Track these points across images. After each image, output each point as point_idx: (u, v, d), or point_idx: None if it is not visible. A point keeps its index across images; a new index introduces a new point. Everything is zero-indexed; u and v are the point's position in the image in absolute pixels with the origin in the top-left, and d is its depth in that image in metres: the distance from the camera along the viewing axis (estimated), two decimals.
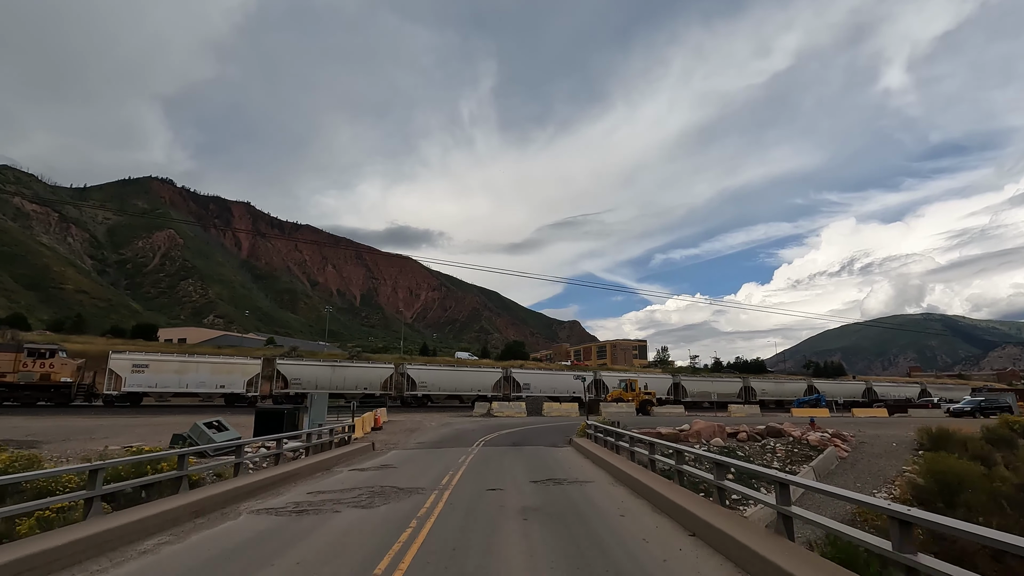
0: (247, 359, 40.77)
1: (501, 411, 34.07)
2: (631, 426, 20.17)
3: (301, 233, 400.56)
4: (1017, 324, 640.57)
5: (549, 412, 34.78)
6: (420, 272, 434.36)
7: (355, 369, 44.49)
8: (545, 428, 26.03)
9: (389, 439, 20.99)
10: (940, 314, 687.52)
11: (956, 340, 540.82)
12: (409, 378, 44.30)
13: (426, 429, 25.34)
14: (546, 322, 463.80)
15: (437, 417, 32.31)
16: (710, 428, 19.99)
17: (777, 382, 62.73)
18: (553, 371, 55.40)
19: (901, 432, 23.83)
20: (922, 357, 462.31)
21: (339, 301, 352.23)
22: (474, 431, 24.24)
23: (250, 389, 38.52)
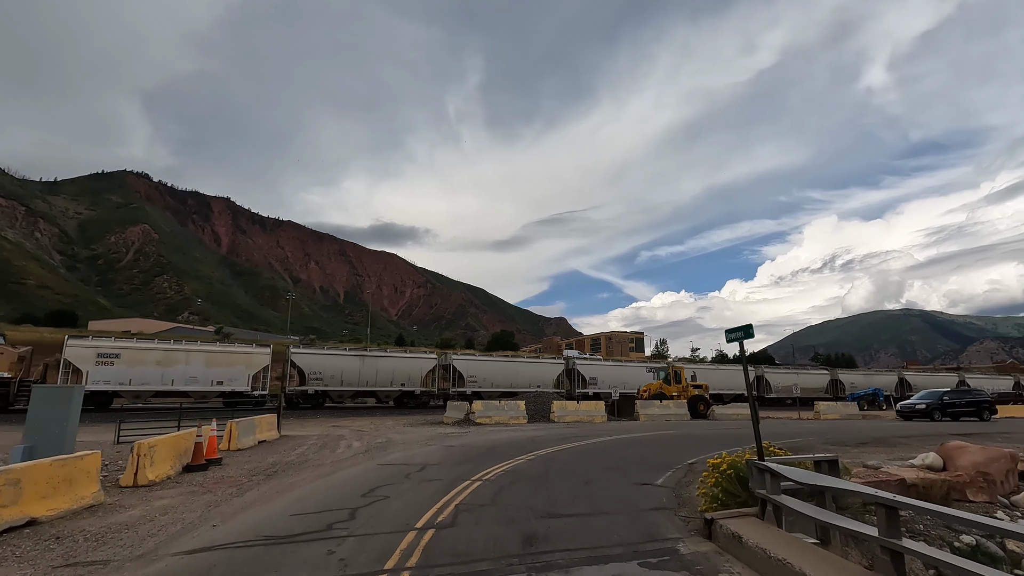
0: (253, 347, 32.26)
1: (487, 416, 22.42)
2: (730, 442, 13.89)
3: (283, 229, 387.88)
4: (993, 319, 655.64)
5: (562, 416, 24.07)
6: (405, 269, 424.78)
7: (390, 360, 35.64)
8: (581, 454, 12.86)
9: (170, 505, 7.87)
10: (919, 310, 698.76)
11: (935, 335, 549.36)
12: (456, 371, 36.05)
13: (311, 471, 10.54)
14: (532, 319, 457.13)
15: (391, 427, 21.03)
16: (999, 461, 9.94)
17: (866, 374, 55.64)
18: (623, 363, 46.71)
19: None
20: (902, 352, 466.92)
21: (322, 298, 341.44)
22: (432, 464, 11.19)
23: (256, 385, 30.24)
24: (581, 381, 39.36)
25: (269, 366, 31.09)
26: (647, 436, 17.43)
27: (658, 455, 12.73)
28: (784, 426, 22.30)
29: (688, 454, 12.69)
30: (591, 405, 26.13)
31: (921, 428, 21.57)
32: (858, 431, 19.74)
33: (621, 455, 12.65)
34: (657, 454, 12.99)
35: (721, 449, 11.74)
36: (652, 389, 30.53)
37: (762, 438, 7.11)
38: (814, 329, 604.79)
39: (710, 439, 16.18)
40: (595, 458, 12.05)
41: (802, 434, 18.04)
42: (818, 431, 19.65)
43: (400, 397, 34.55)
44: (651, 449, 14.07)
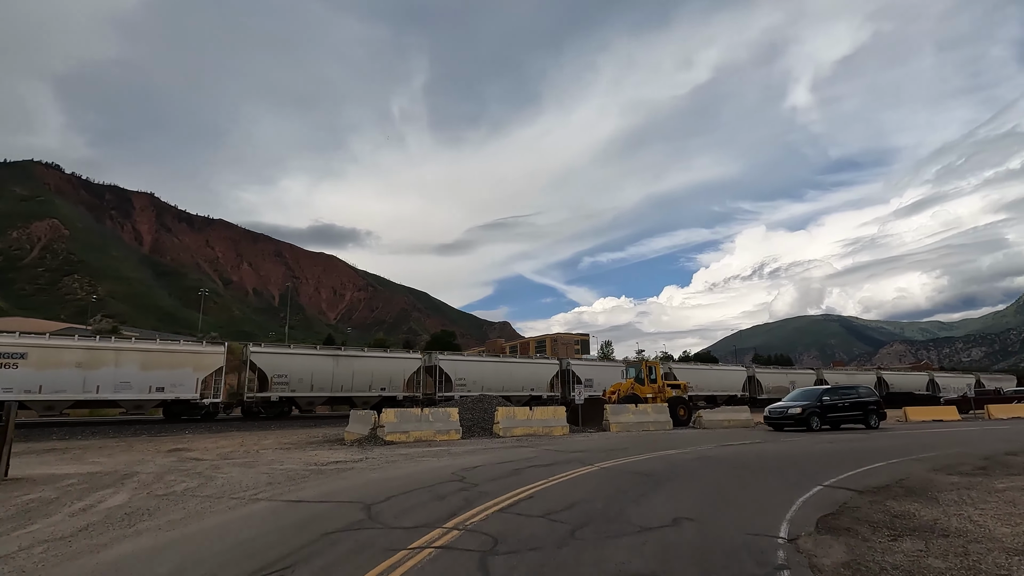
0: (203, 346, 27.35)
1: (402, 430, 16.90)
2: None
3: (214, 228, 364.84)
4: (901, 324, 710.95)
5: (509, 429, 18.62)
6: (346, 271, 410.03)
7: (369, 361, 31.51)
8: (559, 537, 5.53)
9: None
10: (837, 315, 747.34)
11: (851, 339, 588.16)
12: (442, 373, 32.68)
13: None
14: (477, 323, 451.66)
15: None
16: None
17: (849, 373, 56.08)
18: (607, 364, 44.03)
19: None
20: (823, 355, 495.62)
21: (255, 301, 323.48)
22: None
23: (207, 392, 25.84)
24: (577, 383, 36.47)
25: (224, 368, 26.56)
26: (653, 467, 10.96)
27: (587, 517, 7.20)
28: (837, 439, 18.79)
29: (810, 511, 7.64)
30: (548, 412, 20.70)
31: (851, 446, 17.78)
32: (919, 443, 16.26)
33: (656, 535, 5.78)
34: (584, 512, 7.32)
35: (828, 501, 7.84)
36: (623, 390, 26.07)
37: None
38: (745, 333, 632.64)
39: (772, 469, 11.34)
40: (603, 547, 5.46)
41: (887, 449, 14.37)
42: (887, 444, 15.78)
43: (380, 403, 30.30)
44: (700, 505, 7.74)
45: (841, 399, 22.29)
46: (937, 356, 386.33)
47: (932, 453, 13.54)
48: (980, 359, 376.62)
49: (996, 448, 14.59)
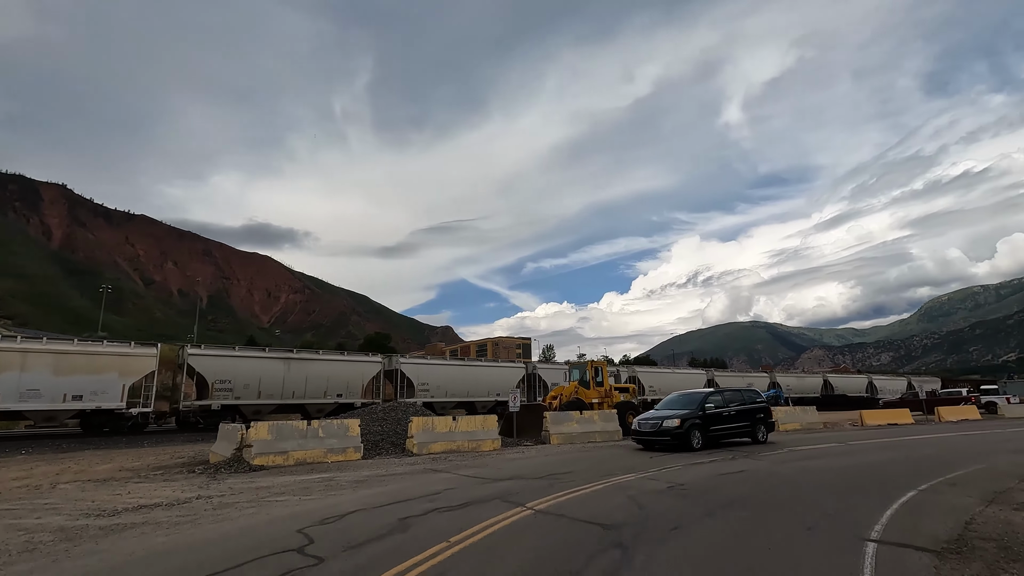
0: (131, 348, 23.71)
1: (278, 451, 12.73)
2: None
3: (135, 224, 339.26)
4: (820, 330, 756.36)
5: (426, 444, 14.89)
6: (281, 273, 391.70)
7: (324, 365, 28.97)
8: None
9: None
10: (764, 322, 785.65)
11: (776, 344, 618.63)
12: (404, 378, 30.62)
13: None
14: (418, 327, 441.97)
15: None
16: None
17: (799, 376, 55.44)
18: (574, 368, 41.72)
19: None
20: (751, 360, 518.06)
21: (180, 303, 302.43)
22: None
23: (135, 401, 23.07)
24: (544, 389, 34.14)
25: (155, 372, 23.50)
26: (612, 509, 7.50)
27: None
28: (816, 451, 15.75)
29: None
30: (475, 423, 16.82)
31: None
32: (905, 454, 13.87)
33: None
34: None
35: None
36: (566, 395, 22.55)
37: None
38: (680, 339, 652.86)
39: (785, 506, 8.24)
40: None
41: (891, 465, 11.27)
42: (882, 458, 12.90)
43: (336, 411, 27.54)
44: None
45: (727, 406, 17.02)
46: (851, 360, 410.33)
47: (953, 473, 10.66)
48: (888, 363, 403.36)
49: (1016, 460, 12.02)
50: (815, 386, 58.14)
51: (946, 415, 28.95)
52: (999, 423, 27.03)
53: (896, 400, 40.32)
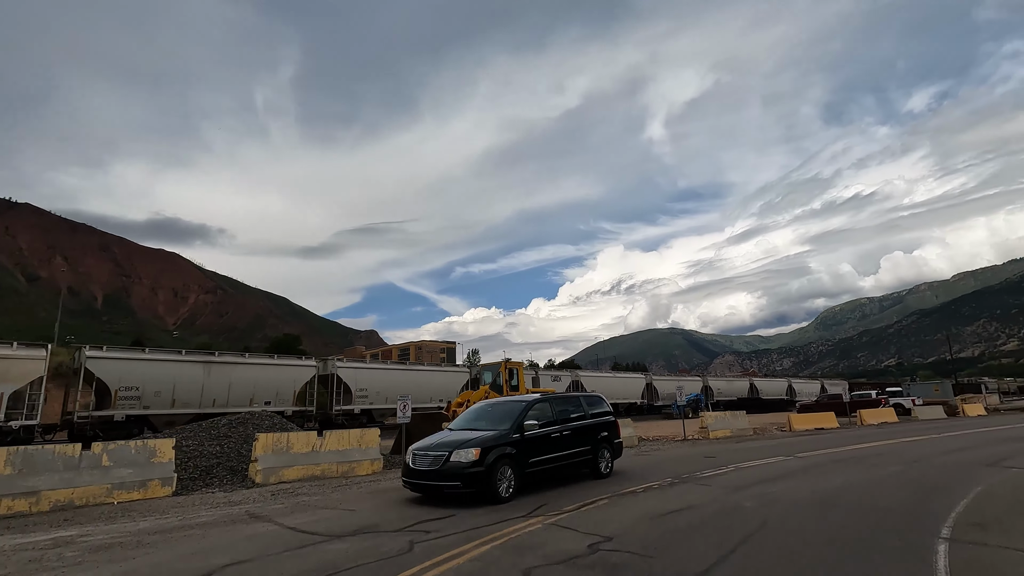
0: (13, 349, 20.24)
1: (24, 490, 7.93)
2: None
3: (17, 213, 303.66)
4: (730, 337, 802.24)
5: (279, 469, 11.16)
6: (190, 271, 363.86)
7: (251, 369, 26.62)
8: None
9: None
10: (681, 329, 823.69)
11: (692, 350, 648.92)
12: (340, 383, 28.97)
13: None
14: (342, 331, 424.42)
15: None
16: None
17: (728, 380, 55.18)
18: (543, 370, 41.46)
19: None
20: (669, 365, 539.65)
21: (72, 302, 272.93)
22: None
23: (18, 411, 19.82)
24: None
25: (44, 378, 20.59)
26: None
27: None
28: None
29: None
30: (349, 438, 12.81)
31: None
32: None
33: None
34: None
35: None
36: (474, 401, 18.49)
37: None
38: (603, 344, 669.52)
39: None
40: None
41: (868, 488, 8.27)
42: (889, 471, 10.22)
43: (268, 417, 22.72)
44: None
45: (559, 421, 10.57)
46: (758, 365, 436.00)
47: (959, 504, 8.10)
48: (790, 368, 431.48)
49: (1003, 478, 9.78)
50: (742, 389, 58.95)
51: (867, 418, 28.15)
52: (918, 425, 26.39)
53: (813, 403, 40.05)
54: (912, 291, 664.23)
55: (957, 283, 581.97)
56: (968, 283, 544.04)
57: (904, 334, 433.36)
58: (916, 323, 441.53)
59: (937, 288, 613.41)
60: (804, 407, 39.50)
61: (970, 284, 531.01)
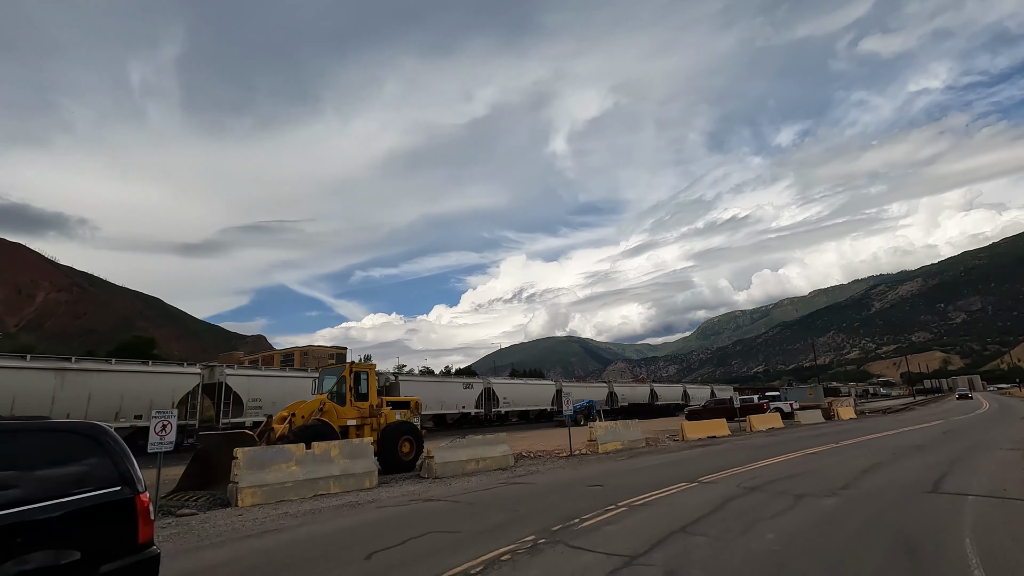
0: None
1: None
2: None
3: None
4: (623, 345, 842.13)
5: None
6: (40, 266, 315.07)
7: (116, 378, 23.04)
8: None
9: None
10: (578, 337, 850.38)
11: (587, 357, 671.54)
12: (229, 392, 26.12)
13: None
14: (225, 336, 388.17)
15: None
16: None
17: (631, 386, 53.30)
18: (439, 379, 41.95)
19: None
20: (566, 372, 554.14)
21: None
22: None
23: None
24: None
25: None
26: None
27: None
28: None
29: None
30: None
31: None
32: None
33: None
34: None
35: None
36: (302, 413, 14.15)
37: None
38: (504, 351, 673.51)
39: None
40: None
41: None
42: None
43: (132, 437, 20.11)
44: None
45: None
46: (647, 372, 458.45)
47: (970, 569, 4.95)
48: (674, 374, 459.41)
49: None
50: (644, 395, 59.16)
51: (756, 424, 26.78)
52: (805, 431, 25.27)
53: (702, 408, 39.10)
54: (777, 305, 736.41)
55: (813, 299, 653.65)
56: (821, 299, 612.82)
57: (770, 344, 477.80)
58: (780, 334, 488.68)
59: (797, 303, 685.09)
60: (693, 412, 38.42)
61: (823, 300, 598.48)
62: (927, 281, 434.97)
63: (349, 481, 12.05)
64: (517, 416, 43.91)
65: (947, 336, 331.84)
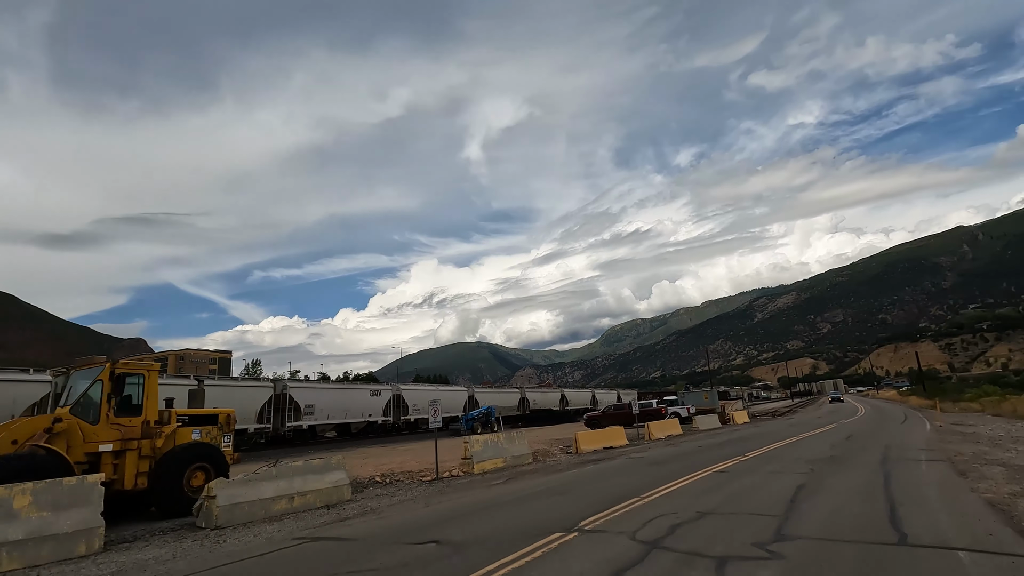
0: None
1: None
2: None
3: None
4: (531, 351, 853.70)
5: None
6: None
7: None
8: None
9: None
10: (488, 343, 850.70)
11: (496, 363, 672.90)
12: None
13: None
14: (96, 339, 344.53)
15: None
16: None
17: (495, 392, 49.92)
18: (344, 387, 40.51)
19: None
20: (474, 377, 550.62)
21: None
22: None
23: None
24: (294, 412, 29.26)
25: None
26: None
27: None
28: None
29: None
30: None
31: None
32: None
33: None
34: None
35: None
36: (18, 437, 9.30)
37: None
38: (412, 357, 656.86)
39: None
40: None
41: None
42: None
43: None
44: None
45: None
46: (553, 378, 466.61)
47: None
48: (579, 379, 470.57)
49: None
50: (555, 400, 57.43)
51: (655, 431, 24.53)
52: (705, 439, 23.31)
53: (600, 414, 36.87)
54: (674, 314, 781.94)
55: (705, 309, 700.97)
56: (712, 309, 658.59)
57: (667, 350, 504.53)
58: (676, 341, 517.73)
59: (691, 312, 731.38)
60: (593, 419, 36.15)
61: (713, 310, 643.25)
62: (800, 295, 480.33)
63: (43, 548, 7.43)
64: (427, 424, 41.48)
65: (816, 344, 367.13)
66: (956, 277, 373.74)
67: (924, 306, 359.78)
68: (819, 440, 19.60)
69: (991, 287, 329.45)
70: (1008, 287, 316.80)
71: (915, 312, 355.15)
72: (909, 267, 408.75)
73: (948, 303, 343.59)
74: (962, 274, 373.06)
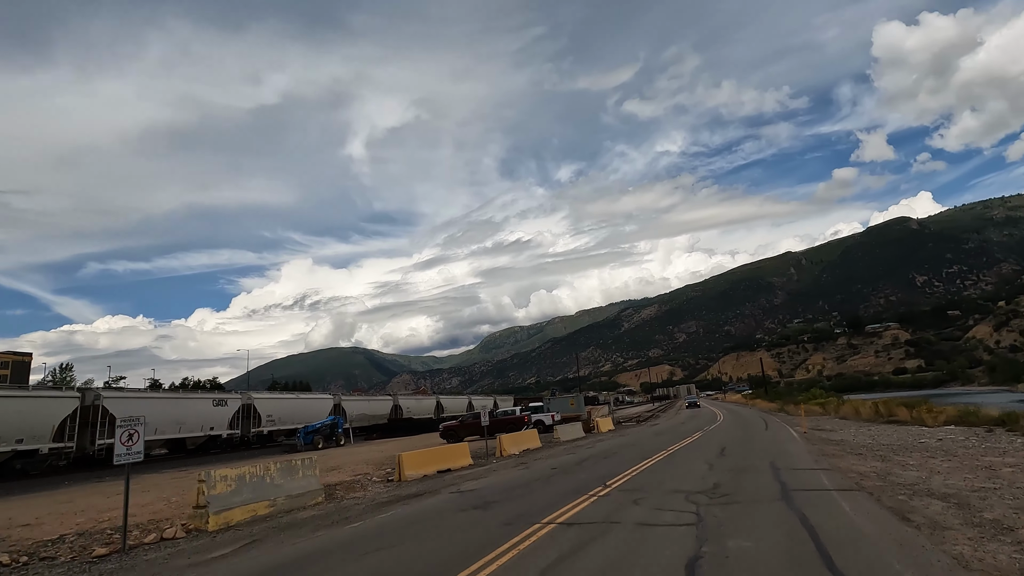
0: None
1: None
2: None
3: None
4: (409, 357, 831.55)
5: None
6: None
7: None
8: None
9: None
10: (364, 348, 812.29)
11: (372, 369, 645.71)
12: None
13: None
14: None
15: None
16: None
17: (366, 399, 44.13)
18: (178, 396, 35.04)
19: None
20: (348, 383, 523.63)
21: None
22: None
23: None
24: (110, 426, 23.53)
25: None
26: None
27: None
28: None
29: None
30: None
31: None
32: None
33: None
34: None
35: None
36: None
37: None
38: (280, 362, 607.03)
39: None
40: None
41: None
42: None
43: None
44: None
45: None
46: (431, 384, 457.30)
47: None
48: (457, 386, 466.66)
49: None
50: (430, 407, 52.59)
51: (508, 446, 20.18)
52: (563, 455, 19.36)
53: (456, 423, 32.12)
54: (550, 323, 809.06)
55: (578, 318, 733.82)
56: (585, 319, 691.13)
57: (543, 357, 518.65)
58: (551, 349, 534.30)
59: (566, 321, 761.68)
60: (448, 429, 31.37)
61: (586, 320, 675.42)
62: (661, 307, 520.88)
63: None
64: (284, 436, 37.21)
65: (673, 352, 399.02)
66: (785, 296, 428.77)
67: (760, 320, 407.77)
68: (692, 456, 16.41)
69: (811, 305, 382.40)
70: (823, 305, 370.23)
71: (753, 325, 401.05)
72: (749, 285, 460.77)
73: (779, 318, 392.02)
74: (790, 293, 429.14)
